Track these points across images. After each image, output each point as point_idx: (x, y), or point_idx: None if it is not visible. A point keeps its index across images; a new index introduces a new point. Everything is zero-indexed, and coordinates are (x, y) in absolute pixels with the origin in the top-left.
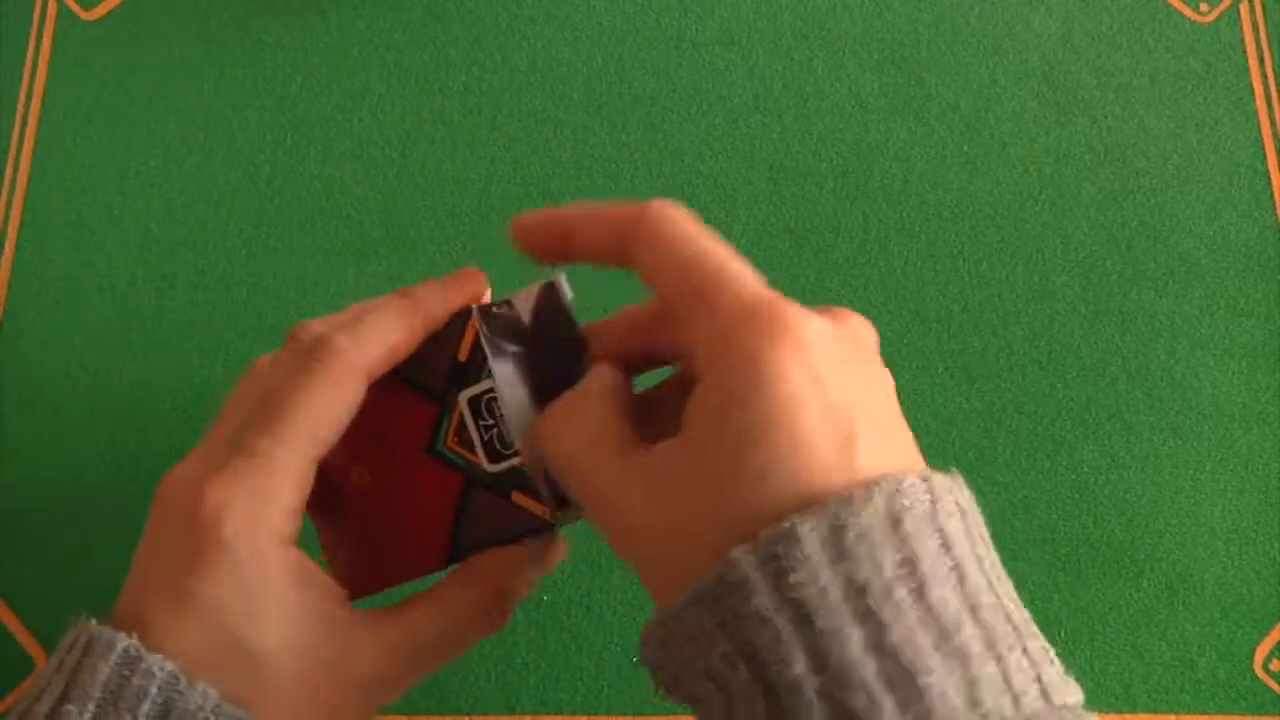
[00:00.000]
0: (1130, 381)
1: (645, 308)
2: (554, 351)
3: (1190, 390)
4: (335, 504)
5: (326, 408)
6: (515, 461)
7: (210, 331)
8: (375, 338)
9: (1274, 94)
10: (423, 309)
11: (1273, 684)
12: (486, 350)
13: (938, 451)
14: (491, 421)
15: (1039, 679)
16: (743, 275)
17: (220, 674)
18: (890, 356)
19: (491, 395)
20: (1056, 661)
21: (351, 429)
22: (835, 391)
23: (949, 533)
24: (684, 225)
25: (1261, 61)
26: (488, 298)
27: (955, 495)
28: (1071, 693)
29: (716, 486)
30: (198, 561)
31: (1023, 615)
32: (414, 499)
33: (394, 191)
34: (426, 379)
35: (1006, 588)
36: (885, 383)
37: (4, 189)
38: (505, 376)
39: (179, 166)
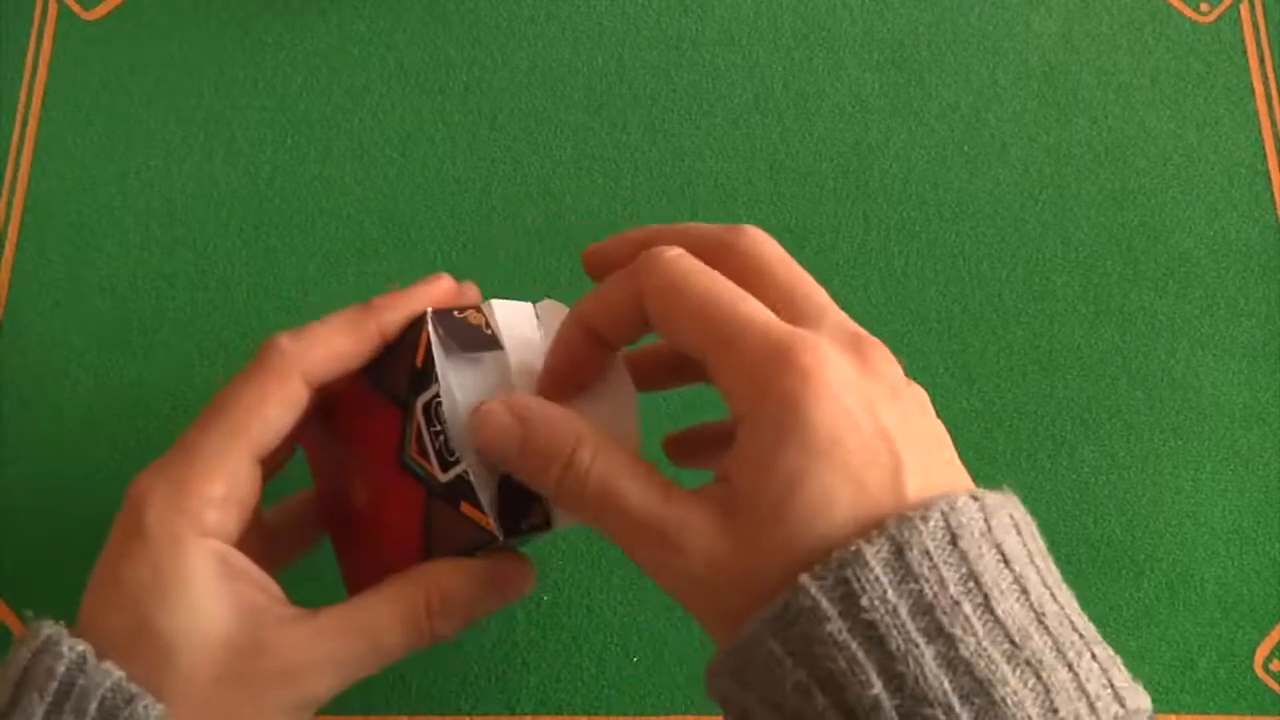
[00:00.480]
0: (1130, 381)
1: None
2: (529, 372)
3: (1190, 390)
4: (345, 521)
5: (259, 404)
6: (461, 470)
7: (210, 331)
8: (319, 339)
9: (1274, 94)
10: (376, 314)
11: (1273, 684)
12: (434, 354)
13: None
14: (439, 428)
15: (1111, 684)
16: (755, 316)
17: (132, 656)
18: None
19: (437, 400)
20: (1124, 668)
21: (343, 441)
22: (871, 424)
23: (1006, 548)
24: (683, 268)
25: (1262, 61)
26: (471, 297)
27: (1010, 510)
28: (1142, 699)
29: (772, 523)
30: (123, 546)
31: (1086, 624)
32: (392, 511)
33: (394, 191)
34: (392, 386)
35: (1068, 597)
36: (920, 405)
37: (4, 189)
38: (454, 381)
39: (179, 166)
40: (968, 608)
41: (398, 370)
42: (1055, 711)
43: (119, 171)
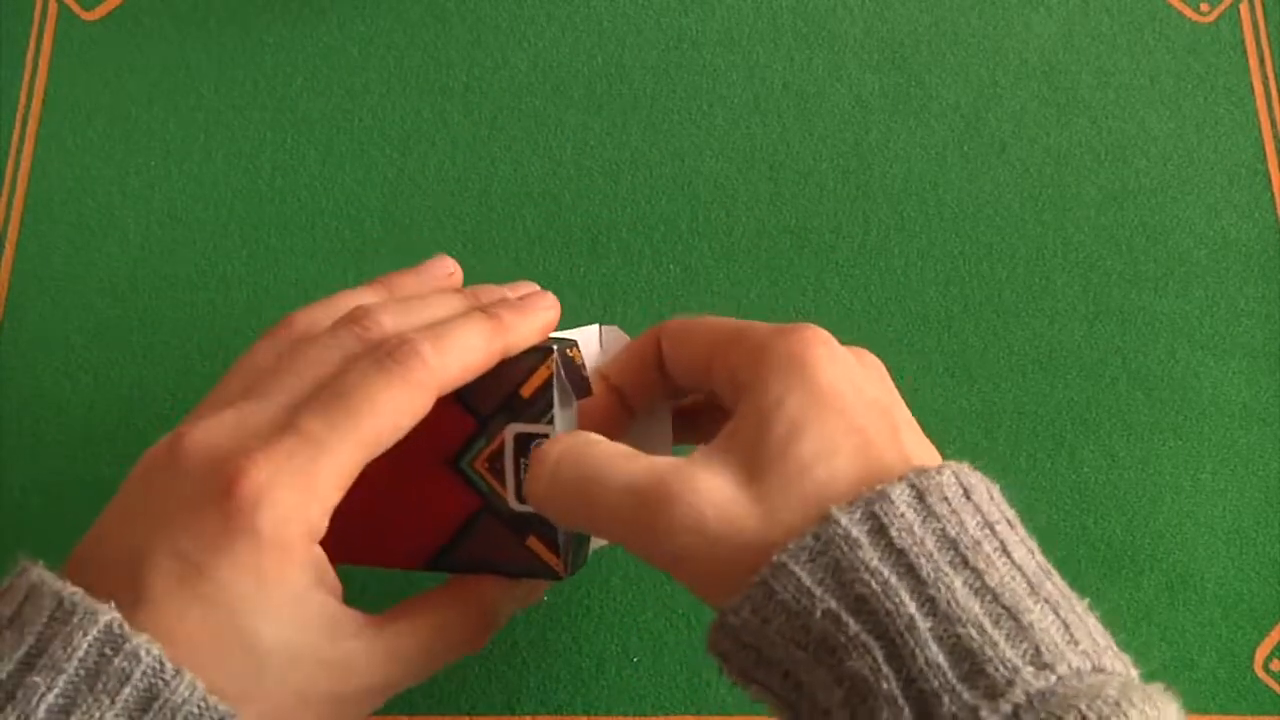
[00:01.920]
0: (1130, 381)
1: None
2: None
3: (1190, 390)
4: None
5: (395, 415)
6: None
7: (210, 331)
8: (459, 358)
9: (1274, 94)
10: (506, 338)
11: (1273, 684)
12: (556, 398)
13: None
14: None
15: (1112, 642)
16: (758, 324)
17: (214, 664)
18: (890, 356)
19: (541, 440)
20: None
21: None
22: (869, 391)
23: (1008, 512)
24: (694, 316)
25: (1262, 61)
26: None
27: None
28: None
29: (780, 465)
30: (223, 539)
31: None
32: (419, 498)
33: (394, 191)
34: (475, 397)
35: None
36: (901, 401)
37: (4, 189)
38: (560, 426)
39: (179, 166)
40: (987, 548)
41: (490, 385)
42: (1076, 643)
43: (119, 171)
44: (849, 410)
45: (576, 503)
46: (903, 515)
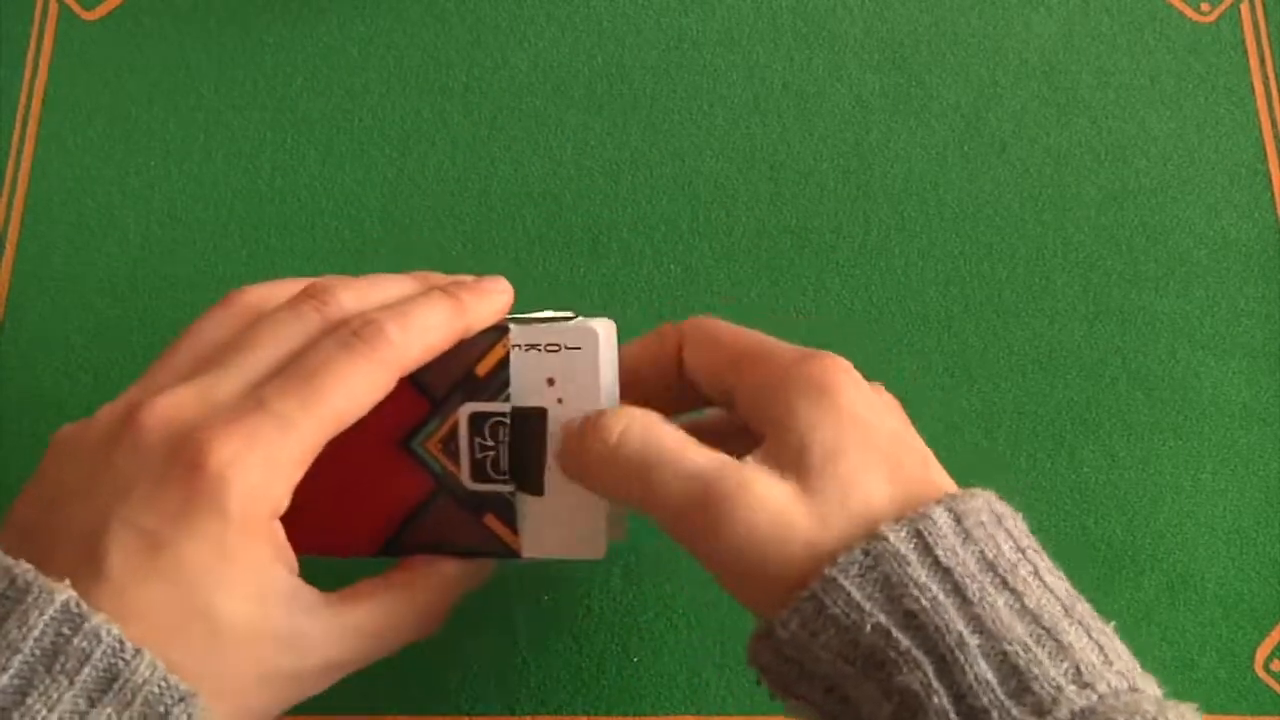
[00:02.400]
0: (1130, 381)
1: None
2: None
3: (1190, 390)
4: None
5: (361, 394)
6: (504, 490)
7: None
8: (423, 337)
9: (1274, 94)
10: (466, 318)
11: (1273, 684)
12: (511, 379)
13: (937, 452)
14: (492, 444)
15: (1138, 666)
16: (783, 344)
17: (174, 641)
18: (890, 356)
19: (500, 420)
20: None
21: None
22: (890, 423)
23: (1034, 541)
24: (720, 321)
25: (1262, 61)
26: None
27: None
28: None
29: (823, 485)
30: (187, 514)
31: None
32: (371, 483)
33: (394, 191)
34: (428, 379)
35: None
36: (915, 431)
37: (4, 189)
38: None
39: (179, 166)
40: (1023, 571)
41: (444, 365)
42: (1110, 663)
43: (119, 171)
44: (875, 438)
45: (634, 478)
46: (945, 536)
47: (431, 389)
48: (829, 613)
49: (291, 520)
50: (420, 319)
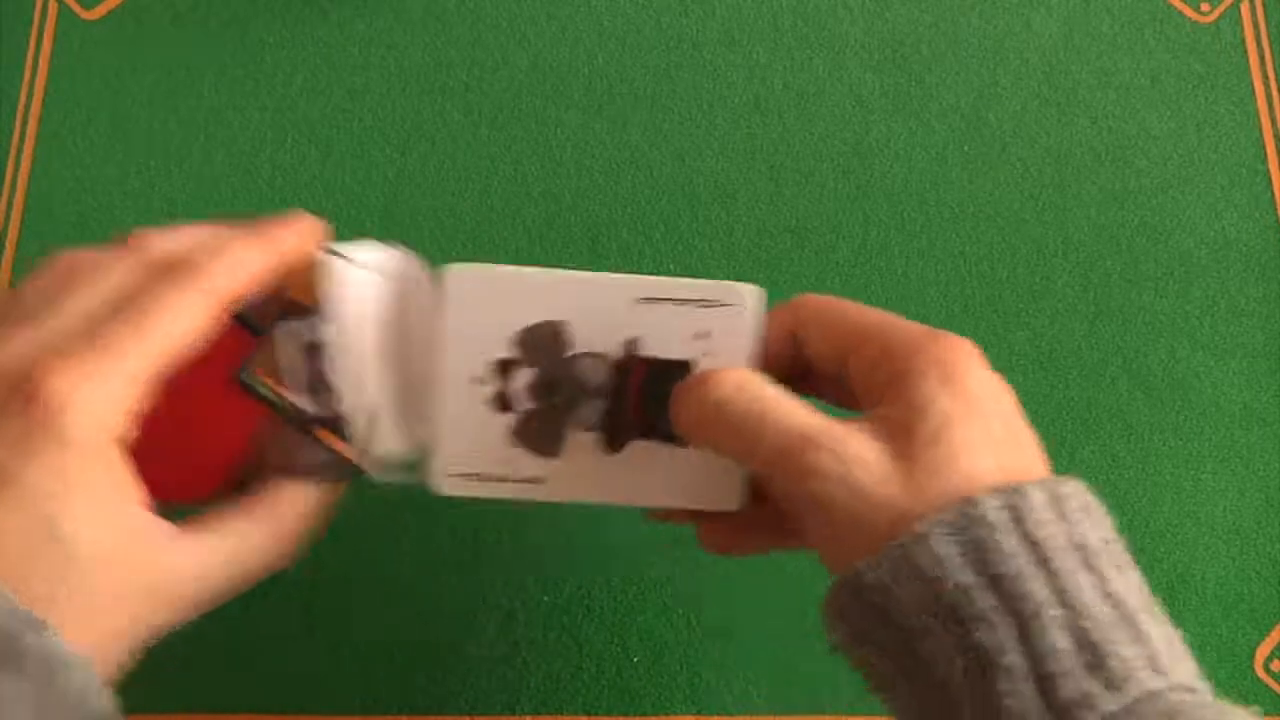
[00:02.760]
0: (1130, 381)
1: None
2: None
3: (1190, 390)
4: None
5: (187, 321)
6: (340, 406)
7: None
8: (238, 268)
9: (1274, 94)
10: (280, 247)
11: (1273, 684)
12: (335, 298)
13: None
14: (317, 366)
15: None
16: (905, 320)
17: (24, 567)
18: None
19: (326, 341)
20: None
21: None
22: (1006, 406)
23: (1118, 537)
24: (838, 299)
25: (1262, 61)
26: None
27: None
28: None
29: (931, 450)
30: (28, 444)
31: None
32: (209, 423)
33: (394, 191)
34: (253, 316)
35: None
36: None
37: (4, 189)
38: (344, 328)
39: (179, 166)
40: (1108, 559)
41: (266, 302)
42: (1179, 661)
43: (119, 171)
44: (991, 419)
45: (739, 433)
46: (1039, 512)
47: (258, 325)
48: (916, 563)
49: (138, 469)
50: (234, 252)
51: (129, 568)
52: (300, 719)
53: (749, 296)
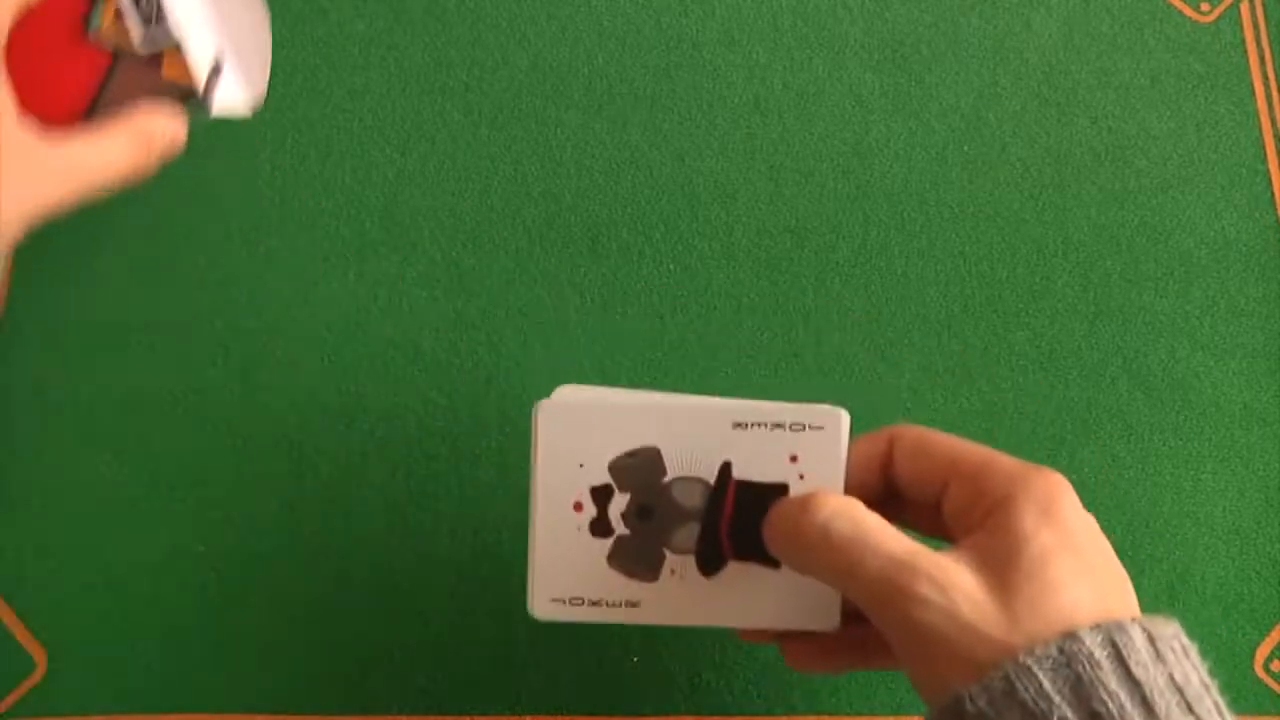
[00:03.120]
0: (1130, 381)
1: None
2: None
3: (1190, 390)
4: None
5: None
6: (170, 42)
7: (210, 331)
8: None
9: (1274, 94)
10: None
11: (1273, 684)
12: None
13: None
14: (152, 5)
15: None
16: (1003, 454)
17: None
18: (890, 356)
19: None
20: None
21: None
22: (1103, 545)
23: (1215, 681)
24: (934, 431)
25: (1262, 61)
26: None
27: None
28: None
29: (1029, 584)
30: None
31: None
32: (57, 73)
33: (394, 191)
34: None
35: None
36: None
37: None
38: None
39: (178, 167)
40: (1208, 702)
41: None
42: None
43: None
44: (1088, 555)
45: (841, 556)
46: (1139, 651)
47: None
48: (1018, 697)
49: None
50: None
51: (17, 156)
52: (300, 719)
53: (839, 421)
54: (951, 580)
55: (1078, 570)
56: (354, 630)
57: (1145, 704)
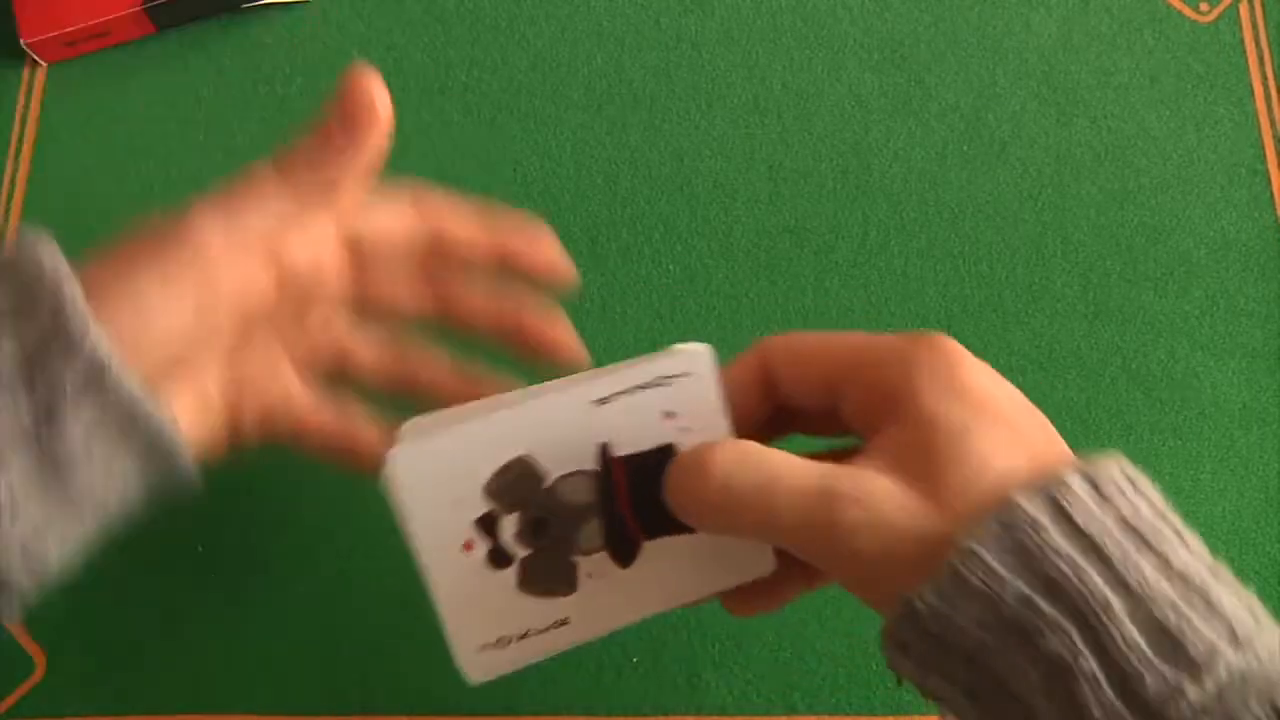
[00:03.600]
0: (1130, 381)
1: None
2: None
3: (1190, 390)
4: None
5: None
6: None
7: None
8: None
9: (1274, 94)
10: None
11: None
12: None
13: None
14: None
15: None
16: (881, 336)
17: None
18: None
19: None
20: None
21: None
22: (1015, 396)
23: (1168, 503)
24: (806, 333)
25: (1261, 61)
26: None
27: None
28: None
29: (954, 466)
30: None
31: None
32: None
33: None
34: None
35: None
36: None
37: (4, 189)
38: None
39: (179, 167)
40: (1166, 532)
41: None
42: (1260, 622)
43: (118, 172)
44: (1005, 414)
45: (752, 509)
46: (1082, 500)
47: None
48: (968, 583)
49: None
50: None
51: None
52: (300, 719)
53: (699, 360)
54: (872, 493)
55: (998, 437)
56: (354, 630)
57: (1099, 554)
